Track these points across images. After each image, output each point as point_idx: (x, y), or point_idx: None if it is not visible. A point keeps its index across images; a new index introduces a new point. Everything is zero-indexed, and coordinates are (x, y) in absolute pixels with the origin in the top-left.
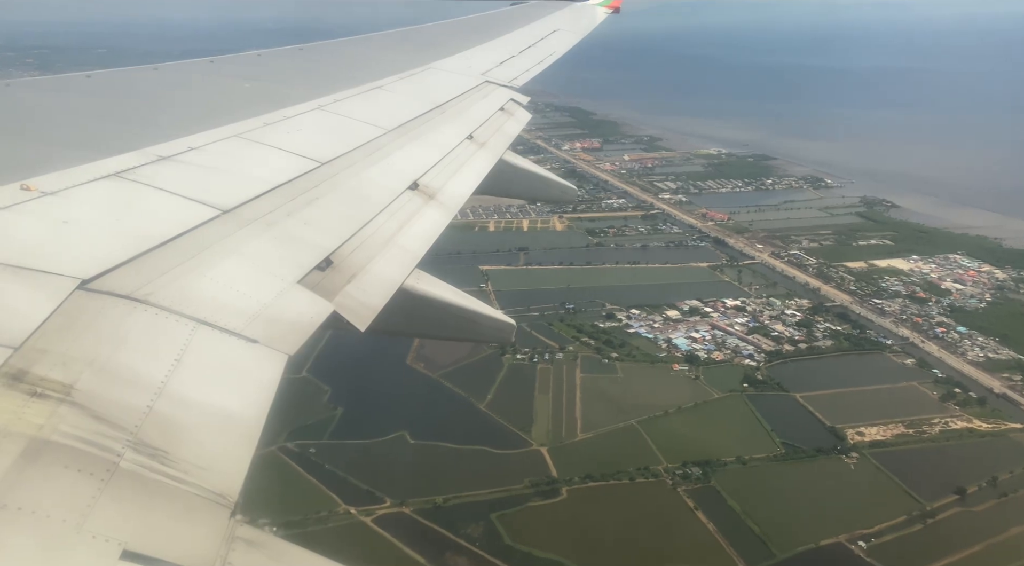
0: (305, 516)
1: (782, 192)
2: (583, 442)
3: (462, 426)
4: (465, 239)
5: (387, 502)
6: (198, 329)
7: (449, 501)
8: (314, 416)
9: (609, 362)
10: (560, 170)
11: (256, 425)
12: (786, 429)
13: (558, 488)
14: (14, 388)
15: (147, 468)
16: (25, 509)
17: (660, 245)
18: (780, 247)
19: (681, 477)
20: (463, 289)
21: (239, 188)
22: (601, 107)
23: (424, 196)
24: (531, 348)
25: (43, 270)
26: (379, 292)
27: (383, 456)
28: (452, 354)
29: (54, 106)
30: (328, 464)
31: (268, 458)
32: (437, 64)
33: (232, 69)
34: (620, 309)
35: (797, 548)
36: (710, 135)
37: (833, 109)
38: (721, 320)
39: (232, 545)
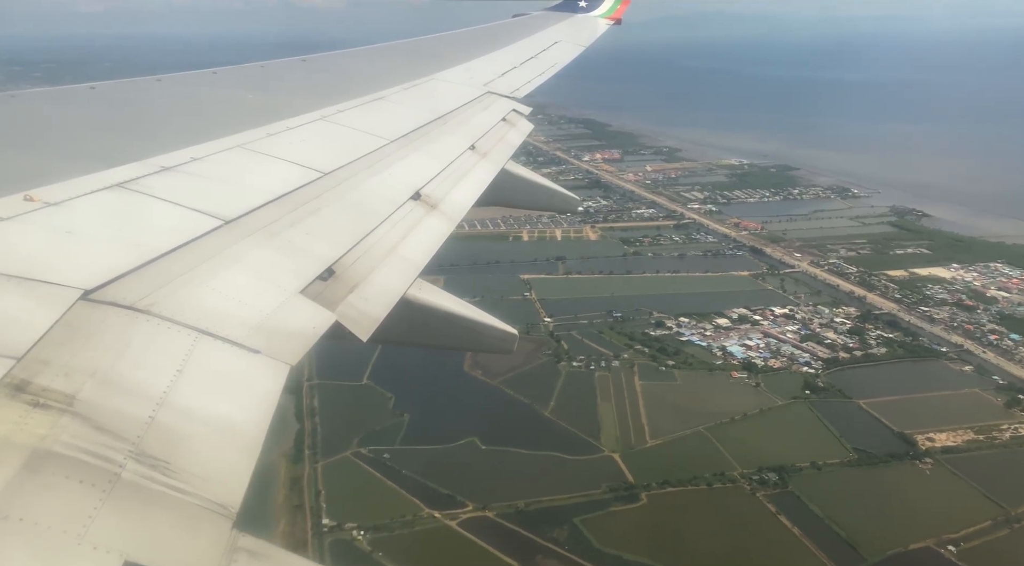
0: (391, 519)
1: (810, 202)
2: (654, 448)
3: (530, 432)
4: (501, 249)
5: (469, 506)
6: (200, 339)
7: (530, 505)
8: (381, 422)
9: (667, 370)
10: (584, 181)
11: (258, 436)
12: (855, 435)
13: (637, 493)
14: (16, 398)
15: (149, 479)
16: (27, 520)
17: (697, 254)
18: (818, 256)
19: (758, 483)
20: (507, 298)
21: (242, 198)
22: (615, 119)
23: (426, 206)
24: (586, 356)
25: (46, 280)
26: (381, 302)
27: (457, 461)
28: (507, 362)
29: (57, 117)
30: (404, 469)
31: (344, 463)
32: (439, 75)
33: (235, 80)
34: (668, 317)
35: (887, 552)
36: (728, 146)
37: (848, 121)
38: (772, 328)
39: (234, 556)
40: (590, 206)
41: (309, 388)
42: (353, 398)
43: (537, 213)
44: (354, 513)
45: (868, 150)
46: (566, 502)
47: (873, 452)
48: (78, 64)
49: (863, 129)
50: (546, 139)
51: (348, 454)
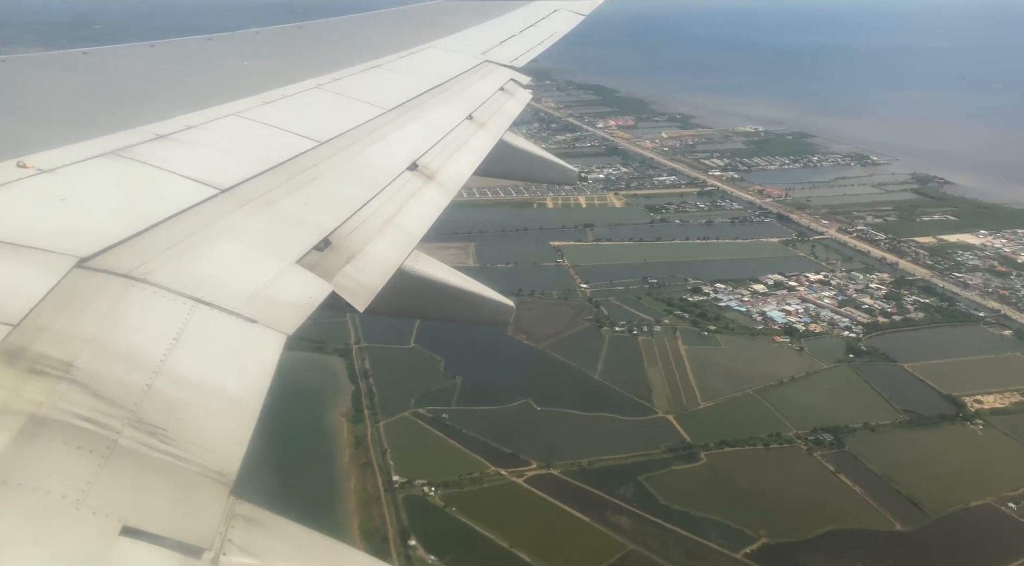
0: (459, 477)
1: (830, 169)
2: (706, 410)
3: (582, 394)
4: (527, 215)
5: (533, 464)
6: (197, 308)
7: (593, 464)
8: (435, 384)
9: (709, 335)
10: (601, 148)
11: (255, 404)
12: (902, 397)
13: (696, 453)
14: (13, 365)
15: (147, 446)
16: (25, 485)
17: (724, 221)
18: (845, 223)
19: (814, 443)
20: (540, 265)
21: (237, 167)
22: (623, 85)
23: (423, 177)
24: (627, 321)
25: (41, 248)
26: (378, 273)
27: (514, 421)
28: (550, 326)
29: (50, 83)
30: (465, 429)
31: (404, 423)
32: (437, 43)
33: (230, 47)
34: (703, 283)
35: (949, 508)
36: (742, 113)
37: (858, 87)
38: (809, 294)
39: (232, 522)
40: (611, 173)
41: (359, 351)
42: (403, 361)
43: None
44: (421, 470)
45: (883, 117)
46: (627, 461)
47: (923, 414)
48: (68, 26)
49: (875, 96)
50: (556, 105)
51: (407, 414)
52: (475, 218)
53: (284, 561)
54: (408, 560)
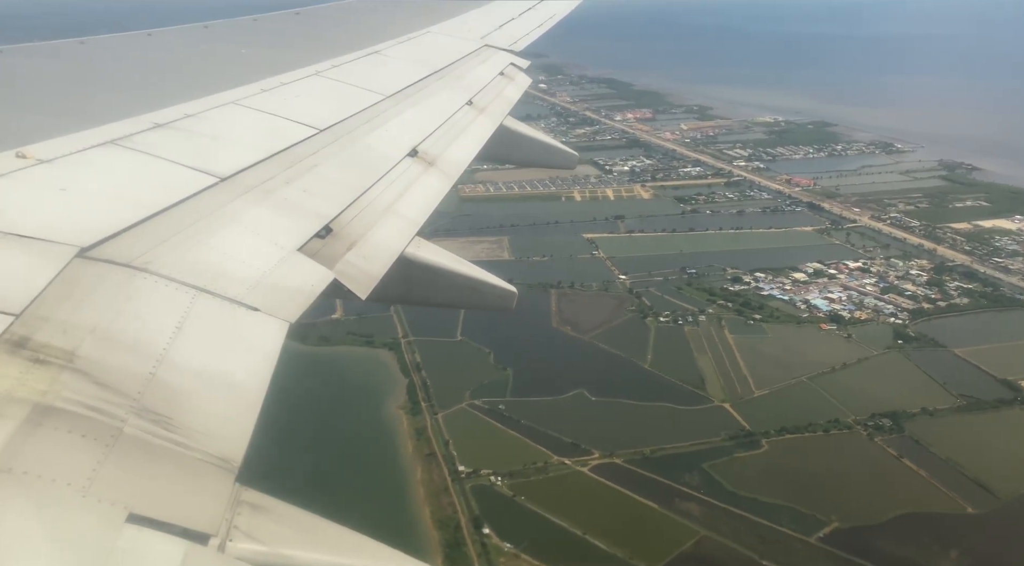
0: (523, 466)
1: (855, 157)
2: (762, 398)
3: (635, 384)
4: (556, 209)
5: (595, 453)
6: (198, 297)
7: (655, 452)
8: (487, 376)
9: (755, 324)
10: (621, 140)
11: (259, 392)
12: (957, 382)
13: (757, 440)
14: (16, 355)
15: (151, 434)
16: (31, 473)
17: (756, 211)
18: (877, 210)
19: (874, 428)
20: (576, 257)
21: (237, 155)
22: (636, 78)
23: (424, 163)
24: (671, 311)
25: (41, 238)
26: (380, 260)
27: (570, 412)
28: (594, 317)
29: (48, 73)
30: (523, 419)
31: (462, 414)
32: (435, 28)
33: (228, 34)
34: (742, 273)
35: (1019, 491)
36: (759, 103)
37: (873, 75)
38: (850, 281)
39: (237, 509)
40: (635, 165)
41: (407, 344)
42: (452, 354)
43: (586, 172)
44: (485, 460)
45: (902, 104)
46: (689, 449)
47: (981, 398)
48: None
49: (891, 83)
50: (572, 99)
51: (464, 406)
52: (505, 212)
53: (290, 547)
54: (484, 547)
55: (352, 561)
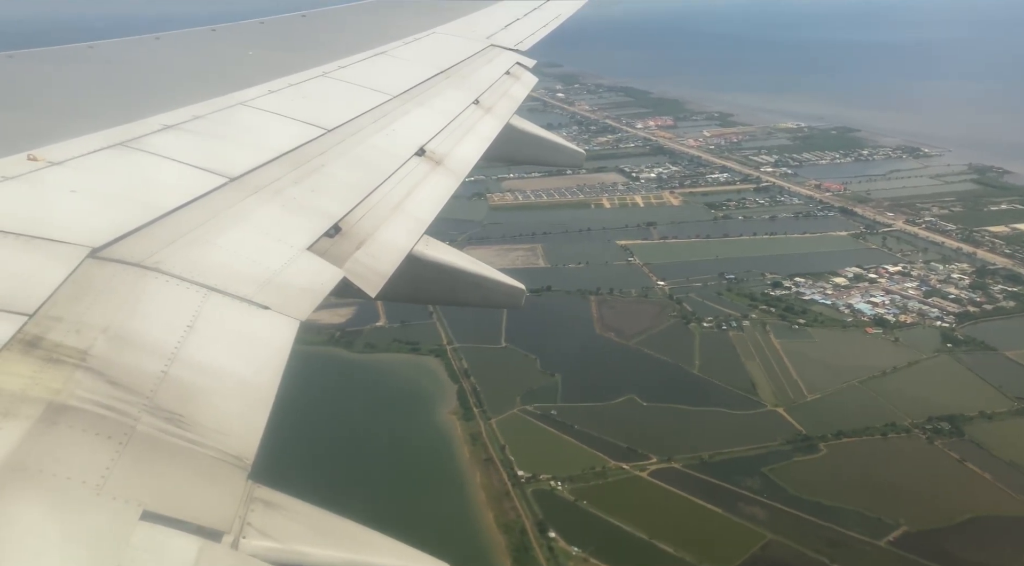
0: (582, 471)
1: (882, 162)
2: (815, 402)
3: (685, 389)
4: (586, 216)
5: (653, 458)
6: (209, 296)
7: (714, 457)
8: (536, 382)
9: (800, 328)
10: (645, 148)
11: (270, 390)
12: (1012, 385)
13: (815, 444)
14: (30, 354)
15: (164, 432)
16: (46, 471)
17: (788, 216)
18: (911, 214)
19: (932, 432)
20: (612, 264)
21: (246, 156)
22: (653, 86)
23: (431, 162)
24: (713, 317)
25: (53, 239)
26: (389, 258)
27: (623, 417)
28: (637, 323)
29: (58, 77)
30: (577, 424)
31: (515, 419)
32: (441, 29)
33: (234, 37)
34: (781, 278)
35: None
36: (779, 109)
37: (891, 81)
38: (891, 285)
39: (251, 505)
40: (662, 172)
41: (453, 351)
42: (499, 360)
43: (613, 180)
44: (543, 465)
45: (924, 109)
46: (747, 453)
47: None
48: None
49: (911, 88)
50: (591, 108)
51: (516, 411)
52: (536, 220)
53: (303, 543)
54: (551, 552)
55: (365, 557)
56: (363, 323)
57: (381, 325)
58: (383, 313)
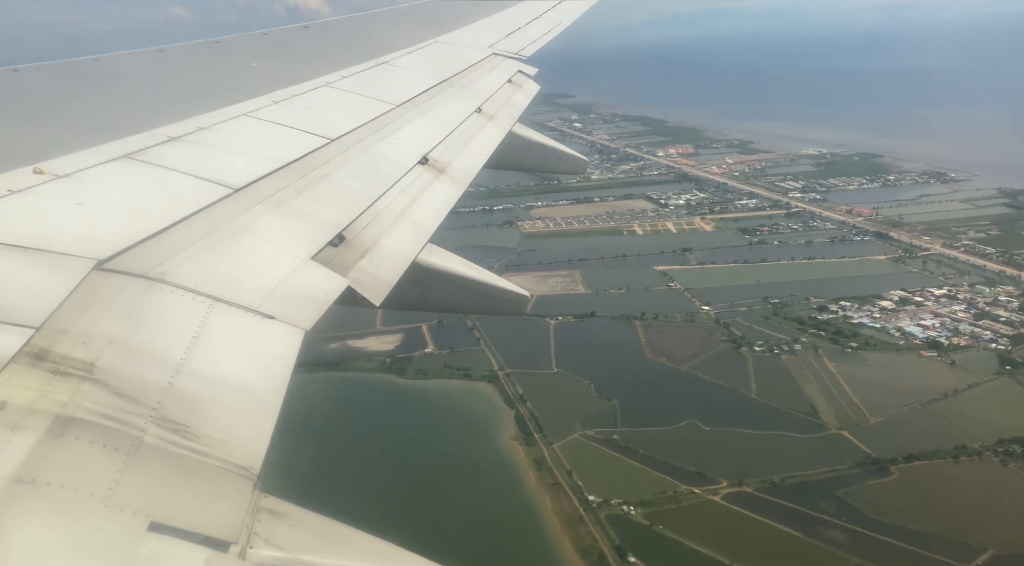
0: (653, 495)
1: (910, 187)
2: (879, 425)
3: (746, 413)
4: (620, 243)
5: (723, 482)
6: (215, 306)
7: (785, 480)
8: (593, 407)
9: (852, 352)
10: (669, 175)
11: (276, 399)
12: None
13: (886, 467)
14: (37, 366)
15: (170, 443)
16: (54, 484)
17: (824, 241)
18: (947, 238)
19: (1004, 454)
20: (653, 289)
21: (250, 166)
22: (669, 115)
23: (434, 170)
24: (764, 341)
25: (60, 251)
26: (393, 267)
27: (686, 441)
28: (687, 348)
29: (63, 90)
30: (641, 449)
31: (577, 444)
32: (443, 38)
33: (238, 49)
34: (826, 302)
35: None
36: (798, 137)
37: (907, 108)
38: (938, 308)
39: (257, 515)
40: (690, 199)
41: (505, 377)
42: (552, 385)
43: (642, 206)
44: (612, 490)
45: (944, 135)
46: (818, 477)
47: None
48: None
49: (928, 115)
50: (609, 137)
51: (577, 436)
52: (570, 246)
53: (310, 553)
54: None
55: None
56: (411, 350)
57: (430, 351)
58: (430, 339)
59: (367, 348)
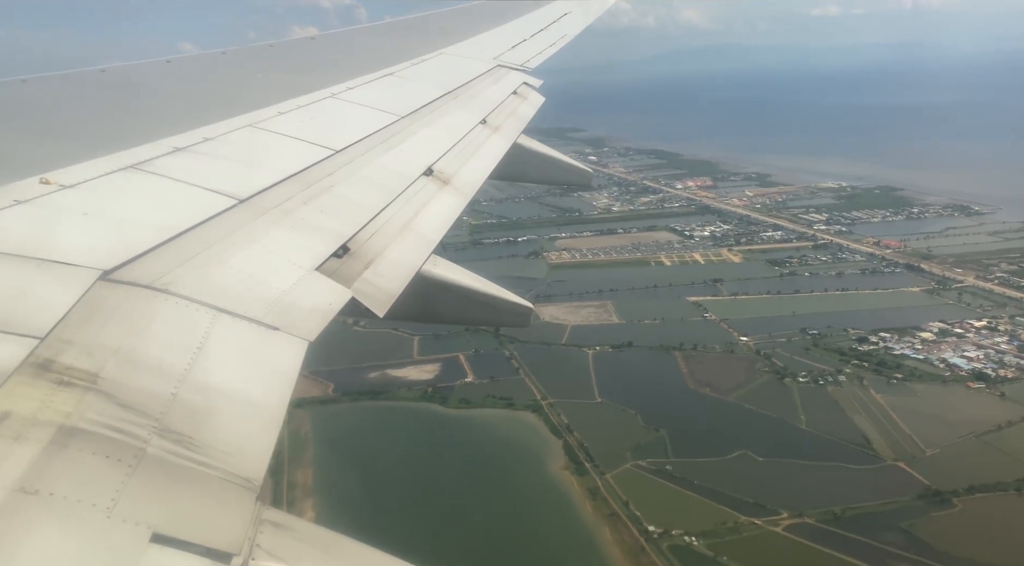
0: (714, 527)
1: (935, 220)
2: (935, 457)
3: (798, 444)
4: (649, 274)
5: (783, 513)
6: (219, 317)
7: (846, 512)
8: (642, 437)
9: (898, 383)
10: (690, 208)
11: (279, 411)
12: None
13: (947, 499)
14: (41, 377)
15: (173, 454)
16: (57, 495)
17: (855, 273)
18: (979, 271)
19: None
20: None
21: (255, 177)
22: (683, 149)
23: (439, 182)
24: (807, 372)
25: (64, 262)
26: (397, 277)
27: (740, 472)
28: (730, 379)
29: (69, 101)
30: (696, 480)
31: (630, 474)
32: (449, 50)
33: (244, 60)
34: (865, 333)
35: None
36: (815, 170)
37: (922, 142)
38: (980, 340)
39: (260, 527)
40: (715, 231)
41: (549, 406)
42: (597, 415)
43: (667, 238)
44: (670, 520)
45: (961, 168)
46: (879, 508)
47: None
48: None
49: (944, 149)
50: (626, 170)
51: (629, 466)
52: (599, 277)
53: (312, 565)
54: None
55: None
56: (451, 379)
57: (470, 381)
58: (469, 369)
59: (407, 377)
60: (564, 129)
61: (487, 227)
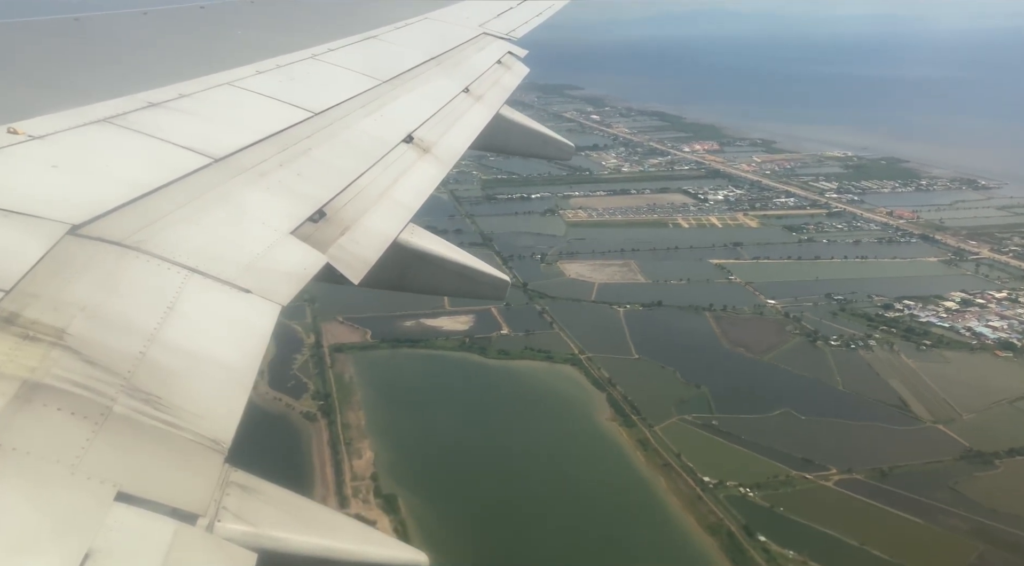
0: (766, 479)
1: (944, 193)
2: (973, 420)
3: (838, 404)
4: (669, 236)
5: (832, 469)
6: (190, 277)
7: (893, 470)
8: (684, 393)
9: (928, 349)
10: (700, 172)
11: (249, 374)
12: None
13: (989, 460)
14: (6, 330)
15: (141, 413)
16: (20, 450)
17: (872, 241)
18: (993, 243)
19: None
20: (713, 282)
21: (231, 136)
22: (684, 112)
23: (419, 149)
24: (838, 336)
25: (32, 214)
26: (373, 245)
27: (784, 429)
28: (763, 340)
29: (41, 49)
30: (743, 435)
31: (677, 428)
32: (434, 14)
33: (223, 16)
34: (889, 300)
35: None
36: (820, 139)
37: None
38: (1003, 310)
39: (227, 490)
40: (728, 195)
41: (588, 360)
42: (637, 370)
43: (681, 200)
44: (724, 472)
45: (963, 143)
46: (924, 467)
47: None
48: None
49: (941, 122)
50: (629, 131)
51: (675, 420)
52: (619, 237)
53: (279, 528)
54: (767, 554)
55: (340, 543)
56: (487, 330)
57: (506, 333)
58: (503, 321)
59: (442, 327)
60: (563, 86)
61: (498, 182)
